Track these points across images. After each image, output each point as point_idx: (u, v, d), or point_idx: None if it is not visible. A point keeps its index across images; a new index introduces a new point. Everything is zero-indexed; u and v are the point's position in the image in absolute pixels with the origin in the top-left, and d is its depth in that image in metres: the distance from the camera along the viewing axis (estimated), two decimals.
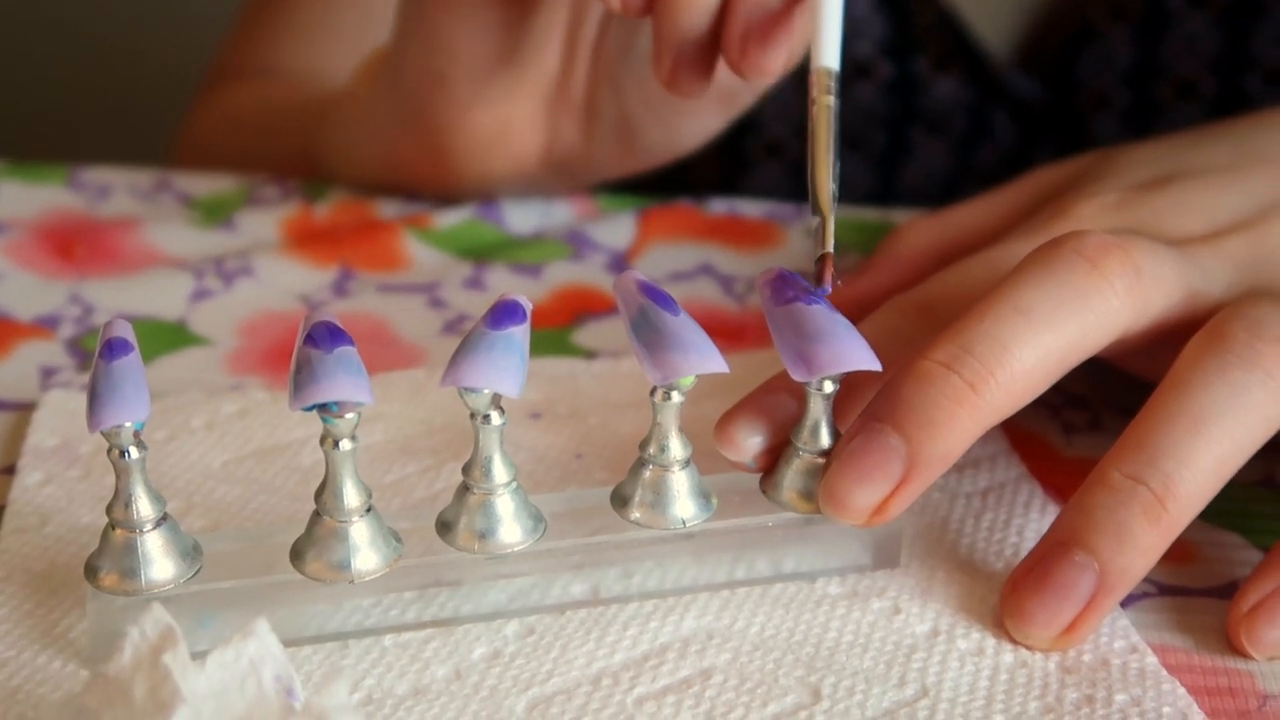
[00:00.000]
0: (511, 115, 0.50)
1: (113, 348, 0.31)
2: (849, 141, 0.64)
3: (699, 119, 0.50)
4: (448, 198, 0.54)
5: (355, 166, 0.56)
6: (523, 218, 0.54)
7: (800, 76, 0.39)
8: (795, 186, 0.48)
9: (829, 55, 0.39)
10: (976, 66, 0.61)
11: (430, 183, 0.53)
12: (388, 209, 0.54)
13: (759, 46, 0.41)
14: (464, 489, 0.33)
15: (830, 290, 0.35)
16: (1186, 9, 0.58)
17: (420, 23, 0.48)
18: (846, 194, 0.63)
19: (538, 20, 0.48)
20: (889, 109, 0.63)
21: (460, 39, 0.47)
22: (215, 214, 0.54)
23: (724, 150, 0.66)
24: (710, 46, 0.42)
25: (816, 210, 0.36)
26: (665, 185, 0.60)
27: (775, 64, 0.41)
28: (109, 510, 0.32)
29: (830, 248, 0.35)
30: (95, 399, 0.30)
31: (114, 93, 1.35)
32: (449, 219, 0.54)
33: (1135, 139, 0.49)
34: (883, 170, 0.65)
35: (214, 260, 0.50)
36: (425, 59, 0.49)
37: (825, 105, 0.38)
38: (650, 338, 0.32)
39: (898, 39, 0.61)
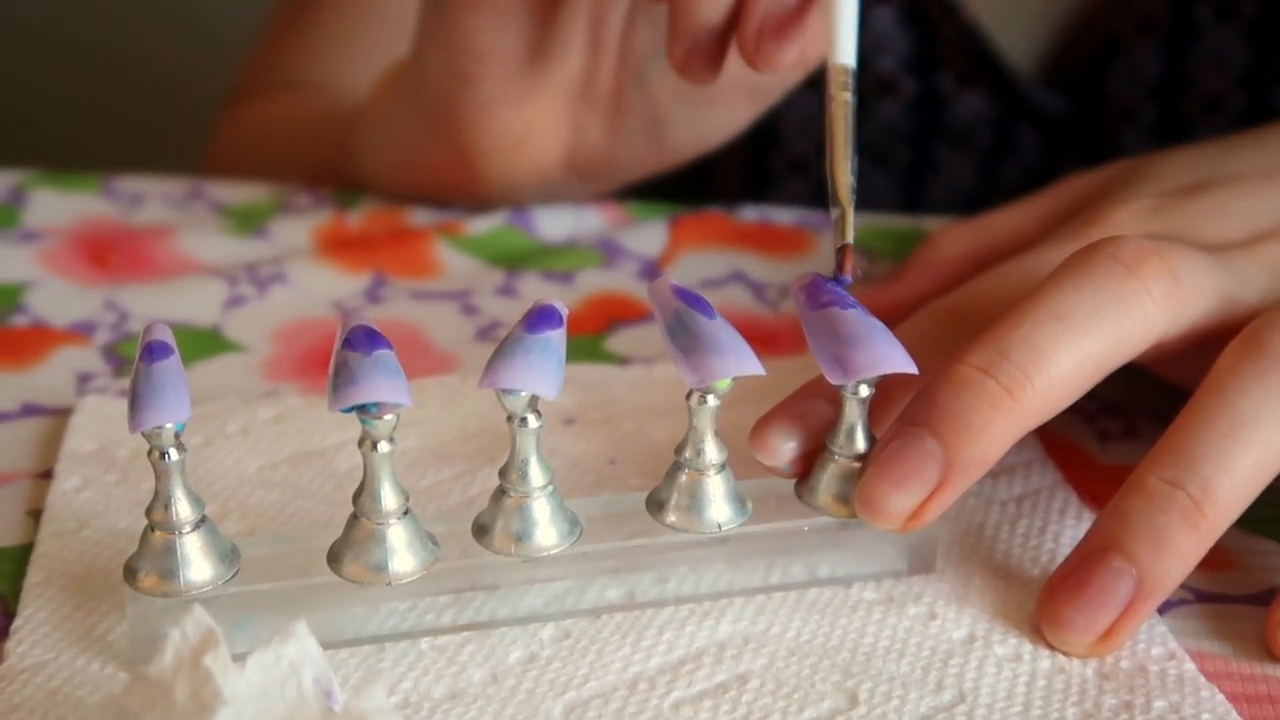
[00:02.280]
0: (537, 115, 0.50)
1: (153, 350, 0.31)
2: (874, 157, 0.64)
3: (728, 113, 0.50)
4: (473, 204, 0.54)
5: (380, 174, 0.56)
6: (554, 225, 0.54)
7: (823, 91, 0.39)
8: (820, 202, 0.48)
9: (845, 53, 0.39)
10: (1000, 82, 0.61)
11: (454, 187, 0.53)
12: (420, 217, 0.55)
13: (773, 40, 0.41)
14: (500, 492, 0.33)
15: (851, 280, 0.35)
16: (1214, 22, 0.58)
17: (443, 21, 0.48)
18: (871, 208, 0.63)
19: (563, 18, 0.48)
20: (913, 125, 0.63)
21: (484, 37, 0.47)
22: (248, 222, 0.54)
23: (749, 166, 0.66)
24: (724, 36, 0.42)
25: (835, 202, 0.36)
26: (691, 200, 0.60)
27: (787, 58, 0.41)
28: (148, 512, 0.32)
29: (850, 238, 0.35)
30: (136, 400, 0.31)
31: (143, 108, 1.36)
32: (481, 226, 0.54)
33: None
34: (908, 186, 0.65)
35: (247, 267, 0.51)
36: (449, 58, 0.49)
37: (843, 101, 0.38)
38: (686, 341, 0.33)
39: (922, 55, 0.61)
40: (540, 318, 0.32)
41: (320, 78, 0.67)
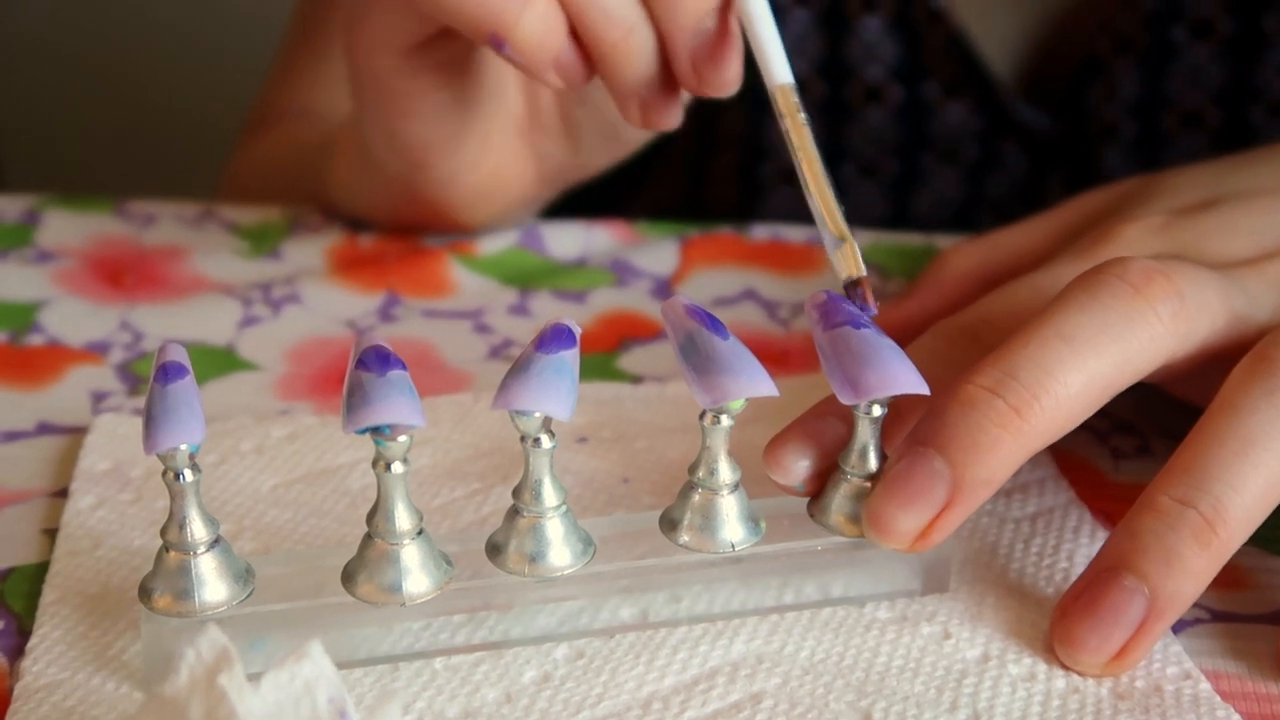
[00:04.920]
0: (498, 160, 0.50)
1: (168, 371, 0.32)
2: (863, 168, 0.64)
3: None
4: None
5: (362, 215, 0.56)
6: (565, 245, 0.55)
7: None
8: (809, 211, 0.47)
9: (780, 71, 0.39)
10: (985, 94, 0.61)
11: (439, 230, 0.54)
12: (431, 239, 0.55)
13: (710, 66, 0.41)
14: (514, 512, 0.33)
15: (876, 311, 0.35)
16: (1190, 41, 0.58)
17: (381, 128, 0.49)
18: (860, 218, 0.63)
19: (487, 80, 0.48)
20: (901, 134, 0.63)
21: (424, 131, 0.47)
22: (262, 244, 0.55)
23: (742, 176, 0.66)
24: (667, 79, 0.42)
25: (837, 234, 0.36)
26: (686, 210, 0.60)
27: (732, 74, 0.41)
28: (163, 533, 0.32)
29: (864, 269, 0.35)
30: (151, 422, 0.31)
31: (156, 140, 1.36)
32: (493, 246, 0.54)
33: (1144, 170, 0.49)
34: (895, 196, 0.65)
35: (261, 288, 0.51)
36: (396, 155, 0.49)
37: (802, 123, 0.38)
38: (699, 361, 0.33)
39: (909, 64, 0.62)
40: (553, 337, 0.32)
41: (326, 107, 0.67)
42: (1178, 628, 0.35)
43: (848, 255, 0.36)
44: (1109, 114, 0.60)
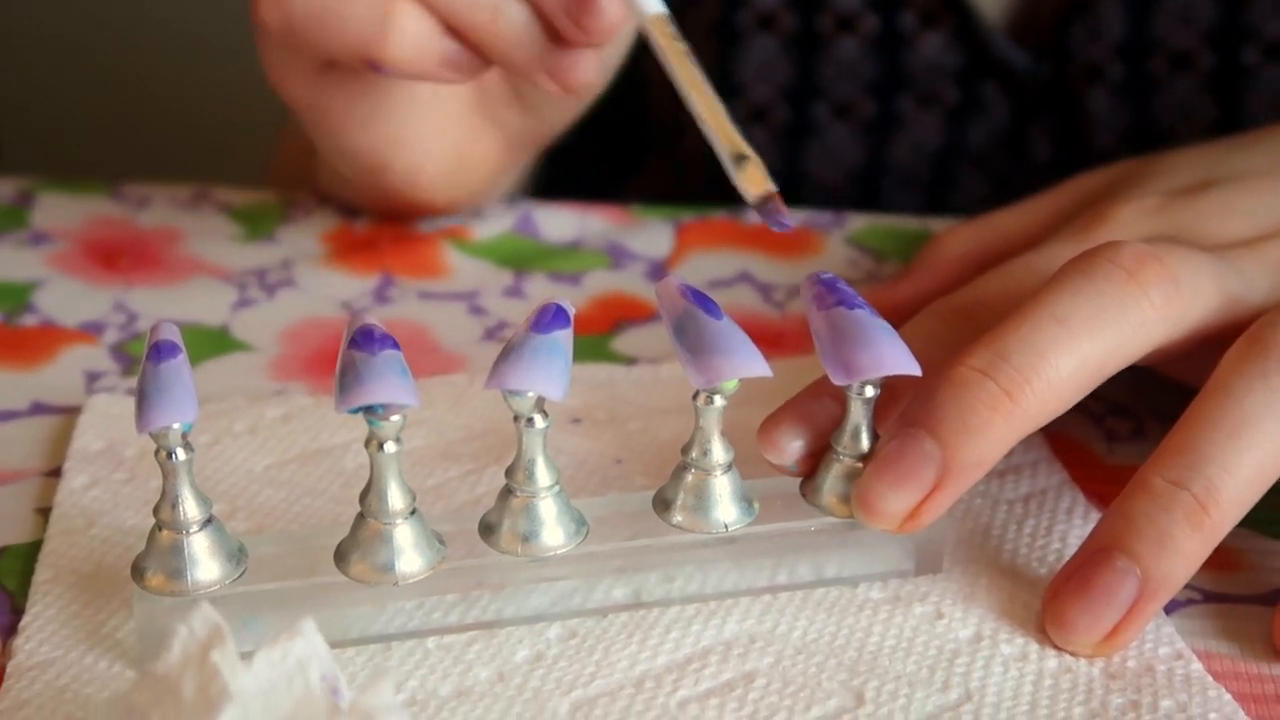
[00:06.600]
0: (458, 142, 0.50)
1: (161, 350, 0.32)
2: (835, 109, 0.62)
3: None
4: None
5: (344, 200, 0.56)
6: (559, 229, 0.54)
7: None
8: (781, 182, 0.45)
9: (650, 3, 0.39)
10: (964, 26, 0.59)
11: (422, 216, 0.54)
12: (425, 224, 0.55)
13: (591, 16, 0.40)
14: (507, 492, 0.33)
15: (792, 226, 0.34)
16: None
17: (328, 145, 0.48)
18: (833, 167, 0.62)
19: None
20: (875, 69, 0.61)
21: (366, 138, 0.47)
22: (257, 228, 0.55)
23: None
24: (559, 42, 0.41)
25: (736, 151, 0.35)
26: (680, 196, 0.59)
27: (612, 16, 0.40)
28: (156, 511, 0.32)
29: (772, 184, 0.35)
30: (144, 401, 0.31)
31: (153, 128, 1.36)
32: (487, 231, 0.54)
33: (1131, 114, 0.47)
34: (871, 141, 0.63)
35: (256, 273, 0.51)
36: (353, 165, 0.49)
37: (682, 51, 0.37)
38: (693, 342, 0.33)
39: None
40: (548, 318, 0.32)
41: None
42: (1170, 609, 0.35)
43: (753, 172, 0.35)
44: (1094, 54, 0.58)
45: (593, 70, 0.42)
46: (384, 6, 0.40)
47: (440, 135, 0.49)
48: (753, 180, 0.35)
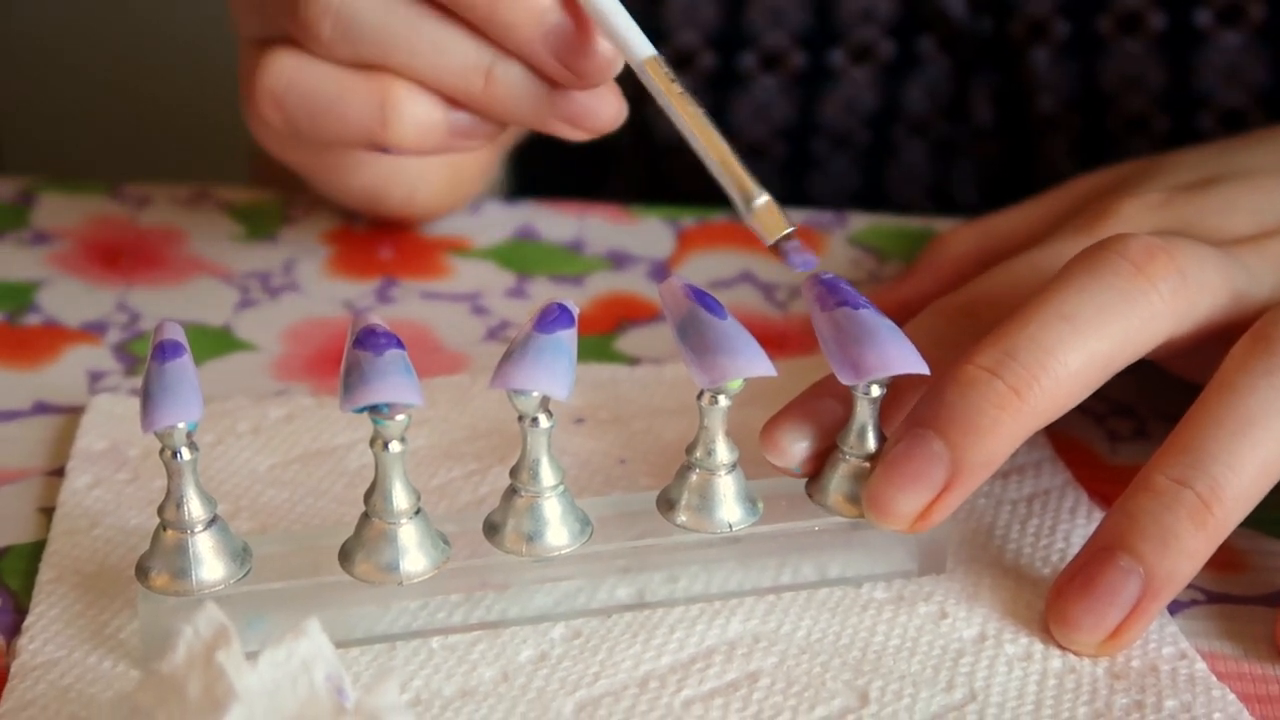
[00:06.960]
0: (453, 163, 0.50)
1: (165, 350, 0.32)
2: (764, 60, 0.59)
3: None
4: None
5: (339, 208, 0.56)
6: (560, 233, 0.54)
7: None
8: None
9: (639, 45, 0.37)
10: None
11: (416, 225, 0.54)
12: (426, 230, 0.55)
13: (582, 59, 0.39)
14: (511, 492, 0.33)
15: (818, 261, 0.34)
16: None
17: (323, 190, 0.49)
18: (762, 122, 0.60)
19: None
20: (802, 17, 0.59)
21: (358, 181, 0.47)
22: (258, 228, 0.54)
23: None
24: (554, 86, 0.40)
25: (749, 194, 0.34)
26: (660, 189, 0.59)
27: (604, 55, 0.39)
28: (160, 511, 0.32)
29: (789, 222, 0.34)
30: (149, 400, 0.31)
31: (153, 128, 1.36)
32: (487, 240, 0.54)
33: (1076, 76, 0.45)
34: (801, 97, 0.60)
35: (259, 275, 0.51)
36: (350, 203, 0.49)
37: (679, 93, 0.36)
38: (697, 341, 0.33)
39: None
40: (551, 317, 0.32)
41: None
42: (1173, 609, 0.35)
43: (769, 212, 0.35)
44: (1038, 9, 0.56)
45: (612, 105, 0.41)
46: (380, 95, 0.40)
47: (434, 162, 0.49)
48: (768, 223, 0.35)
